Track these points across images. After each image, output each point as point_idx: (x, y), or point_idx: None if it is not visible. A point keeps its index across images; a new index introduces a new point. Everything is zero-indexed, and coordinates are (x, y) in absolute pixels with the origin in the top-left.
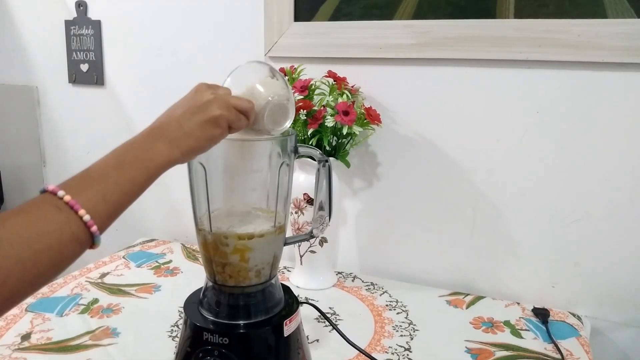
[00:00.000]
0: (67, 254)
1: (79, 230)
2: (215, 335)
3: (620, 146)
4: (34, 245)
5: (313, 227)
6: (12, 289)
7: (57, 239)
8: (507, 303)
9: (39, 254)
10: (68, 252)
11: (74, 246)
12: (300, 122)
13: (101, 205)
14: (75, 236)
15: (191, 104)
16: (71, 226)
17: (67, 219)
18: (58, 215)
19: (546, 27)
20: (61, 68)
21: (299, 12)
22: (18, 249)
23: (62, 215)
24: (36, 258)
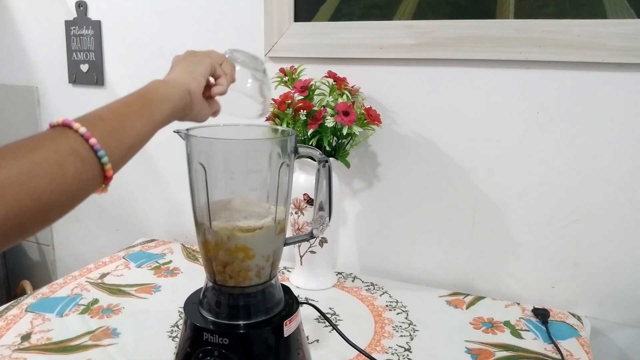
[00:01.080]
0: (68, 170)
1: (77, 143)
2: (215, 336)
3: (620, 146)
4: (29, 156)
5: (313, 228)
6: (13, 210)
7: (54, 152)
8: (507, 303)
9: (35, 165)
10: (69, 167)
11: (74, 160)
12: (300, 122)
13: (99, 123)
14: (74, 149)
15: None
16: (68, 140)
17: (63, 133)
18: (54, 133)
19: (546, 27)
20: (61, 68)
21: (299, 12)
22: (15, 166)
23: (57, 132)
24: (33, 170)
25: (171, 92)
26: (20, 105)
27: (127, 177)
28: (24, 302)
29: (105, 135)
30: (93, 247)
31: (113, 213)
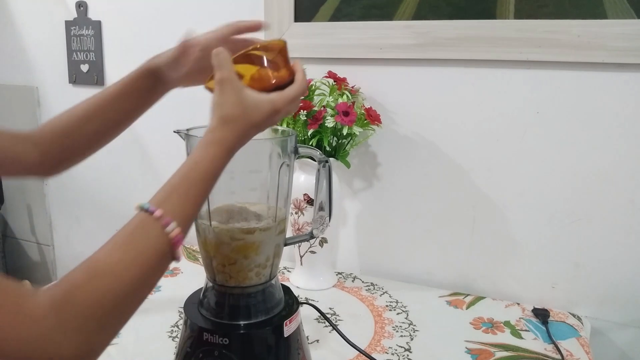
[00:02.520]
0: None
1: (164, 243)
2: (215, 336)
3: (620, 146)
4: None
5: (313, 228)
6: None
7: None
8: (507, 303)
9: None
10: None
11: (163, 261)
12: (300, 122)
13: (179, 211)
14: (162, 251)
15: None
16: (158, 241)
17: (166, 260)
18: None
19: (546, 28)
20: (61, 68)
21: (299, 13)
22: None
23: (164, 260)
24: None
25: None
26: (20, 105)
27: (127, 177)
28: None
29: (182, 221)
30: (93, 247)
31: (113, 213)
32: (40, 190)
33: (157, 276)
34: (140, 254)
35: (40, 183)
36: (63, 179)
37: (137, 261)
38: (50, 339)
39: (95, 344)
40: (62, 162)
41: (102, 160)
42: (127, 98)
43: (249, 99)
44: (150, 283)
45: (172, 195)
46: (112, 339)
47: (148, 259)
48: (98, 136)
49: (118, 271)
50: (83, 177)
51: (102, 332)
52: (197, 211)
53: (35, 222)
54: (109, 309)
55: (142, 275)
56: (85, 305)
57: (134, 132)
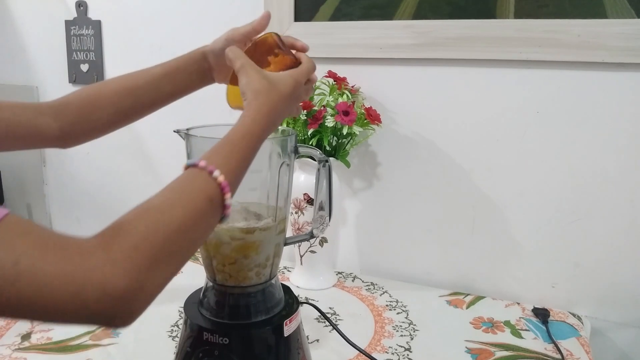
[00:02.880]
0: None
1: (216, 194)
2: (215, 336)
3: (620, 146)
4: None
5: (313, 227)
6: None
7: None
8: (507, 303)
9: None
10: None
11: (210, 206)
12: (300, 122)
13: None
14: (209, 197)
15: (291, 106)
16: (209, 190)
17: (215, 208)
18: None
19: (546, 27)
20: (61, 68)
21: (299, 12)
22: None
23: (212, 207)
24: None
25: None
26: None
27: (127, 177)
28: None
29: (228, 173)
30: None
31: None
32: (40, 190)
33: (206, 221)
34: (187, 195)
35: (40, 183)
36: (63, 179)
37: (184, 201)
38: (100, 271)
39: (147, 279)
40: (84, 135)
41: (102, 161)
42: (173, 80)
43: (271, 75)
44: (200, 227)
45: (216, 154)
46: (164, 280)
47: (194, 200)
48: (130, 113)
49: (165, 209)
50: (83, 177)
51: (153, 267)
52: (242, 168)
53: (35, 222)
54: (158, 244)
55: (190, 214)
56: (133, 239)
57: (134, 132)
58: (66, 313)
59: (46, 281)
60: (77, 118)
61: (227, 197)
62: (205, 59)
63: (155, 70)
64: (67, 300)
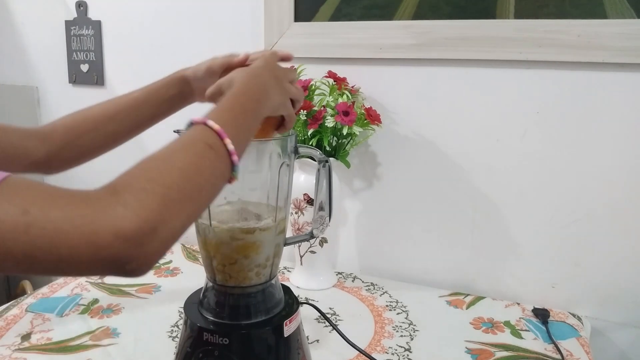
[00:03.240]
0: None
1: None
2: (215, 336)
3: (620, 146)
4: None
5: (313, 228)
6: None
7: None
8: (507, 303)
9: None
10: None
11: (211, 152)
12: (300, 122)
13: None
14: (209, 145)
15: (274, 79)
16: (221, 162)
17: (217, 154)
18: (210, 152)
19: (546, 27)
20: (61, 68)
21: (299, 12)
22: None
23: (213, 152)
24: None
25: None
26: (20, 105)
27: None
28: (24, 302)
29: (224, 124)
30: None
31: None
32: None
33: (211, 166)
34: (186, 144)
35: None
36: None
37: (184, 149)
38: (111, 213)
39: (159, 221)
40: (69, 160)
41: (101, 161)
42: (155, 103)
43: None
44: (204, 171)
45: (209, 113)
46: (178, 225)
47: (194, 147)
48: (114, 137)
49: (167, 157)
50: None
51: (164, 210)
52: (240, 122)
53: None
54: (165, 186)
55: (191, 159)
56: (140, 184)
57: None
58: (81, 260)
59: (57, 226)
60: (63, 143)
61: (228, 142)
62: (187, 83)
63: (136, 94)
64: (81, 245)
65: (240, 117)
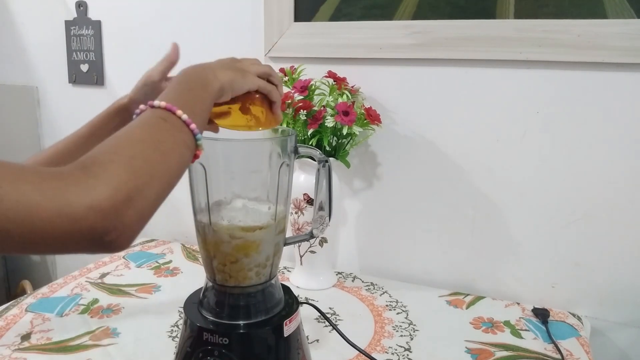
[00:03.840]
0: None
1: (182, 127)
2: (215, 336)
3: (620, 146)
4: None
5: (313, 228)
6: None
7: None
8: (507, 303)
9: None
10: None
11: (166, 124)
12: (300, 122)
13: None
14: (184, 141)
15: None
16: (178, 130)
17: (173, 125)
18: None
19: (546, 27)
20: (61, 68)
21: (299, 12)
22: (150, 152)
23: (169, 124)
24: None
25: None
26: (20, 105)
27: None
28: (24, 302)
29: (170, 100)
30: None
31: None
32: None
33: (171, 136)
34: (140, 121)
35: None
36: None
37: (140, 125)
38: (83, 185)
39: (132, 190)
40: None
41: None
42: (100, 137)
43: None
44: (166, 141)
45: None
46: (153, 195)
47: (148, 122)
48: None
49: (126, 133)
50: None
51: (134, 179)
52: (186, 96)
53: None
54: (130, 156)
55: (149, 131)
56: (107, 156)
57: None
58: (56, 233)
59: (29, 199)
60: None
61: (180, 113)
62: (126, 110)
63: (82, 131)
64: (54, 217)
65: (187, 93)
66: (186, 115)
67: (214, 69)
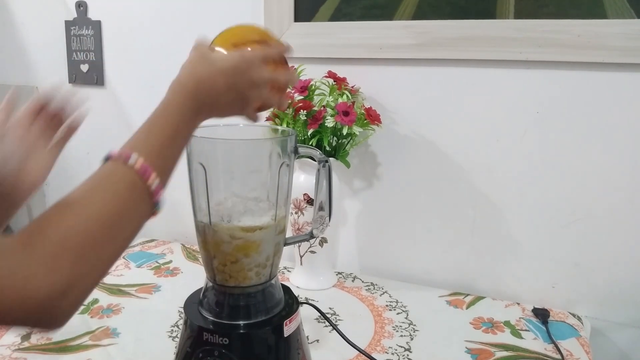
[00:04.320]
0: (129, 204)
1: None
2: (215, 336)
3: (620, 146)
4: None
5: (313, 228)
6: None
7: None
8: (507, 303)
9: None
10: (130, 201)
11: (133, 194)
12: (300, 122)
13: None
14: (131, 184)
15: (235, 93)
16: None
17: (140, 195)
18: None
19: (546, 27)
20: (61, 68)
21: (299, 12)
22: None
23: (136, 193)
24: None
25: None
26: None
27: None
28: None
29: (148, 154)
30: None
31: None
32: (40, 191)
33: (133, 211)
34: (106, 186)
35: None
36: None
37: (104, 193)
38: (24, 271)
39: (73, 276)
40: None
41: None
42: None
43: (212, 53)
44: (126, 217)
45: (134, 137)
46: (94, 277)
47: (115, 190)
48: None
49: (85, 202)
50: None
51: (79, 263)
52: (167, 145)
53: None
54: (81, 239)
55: (112, 205)
56: (55, 235)
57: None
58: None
59: None
60: None
61: (151, 181)
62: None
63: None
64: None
65: (168, 139)
66: (158, 179)
67: (216, 99)
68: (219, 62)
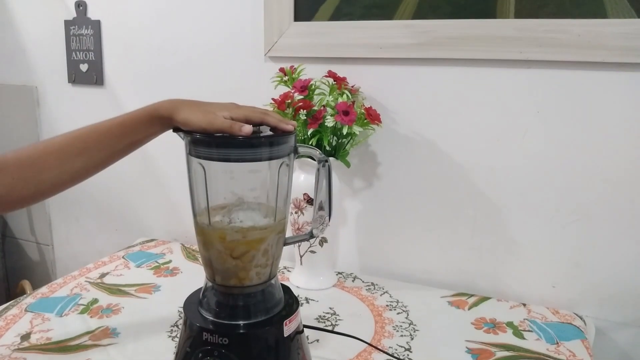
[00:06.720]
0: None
1: None
2: (215, 336)
3: (620, 146)
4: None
5: (313, 227)
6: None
7: None
8: (511, 305)
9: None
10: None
11: None
12: (300, 122)
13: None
14: None
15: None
16: None
17: None
18: None
19: (546, 27)
20: (61, 68)
21: (299, 12)
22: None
23: None
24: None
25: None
26: (20, 105)
27: (126, 178)
28: (23, 302)
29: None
30: (92, 247)
31: (113, 213)
32: None
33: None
34: None
35: None
36: None
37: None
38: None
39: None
40: (20, 200)
41: None
42: (134, 130)
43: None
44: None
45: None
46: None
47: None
48: (79, 173)
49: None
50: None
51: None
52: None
53: (35, 222)
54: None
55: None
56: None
57: None
58: None
59: None
60: (15, 181)
61: None
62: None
63: (107, 125)
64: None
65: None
66: None
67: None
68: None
